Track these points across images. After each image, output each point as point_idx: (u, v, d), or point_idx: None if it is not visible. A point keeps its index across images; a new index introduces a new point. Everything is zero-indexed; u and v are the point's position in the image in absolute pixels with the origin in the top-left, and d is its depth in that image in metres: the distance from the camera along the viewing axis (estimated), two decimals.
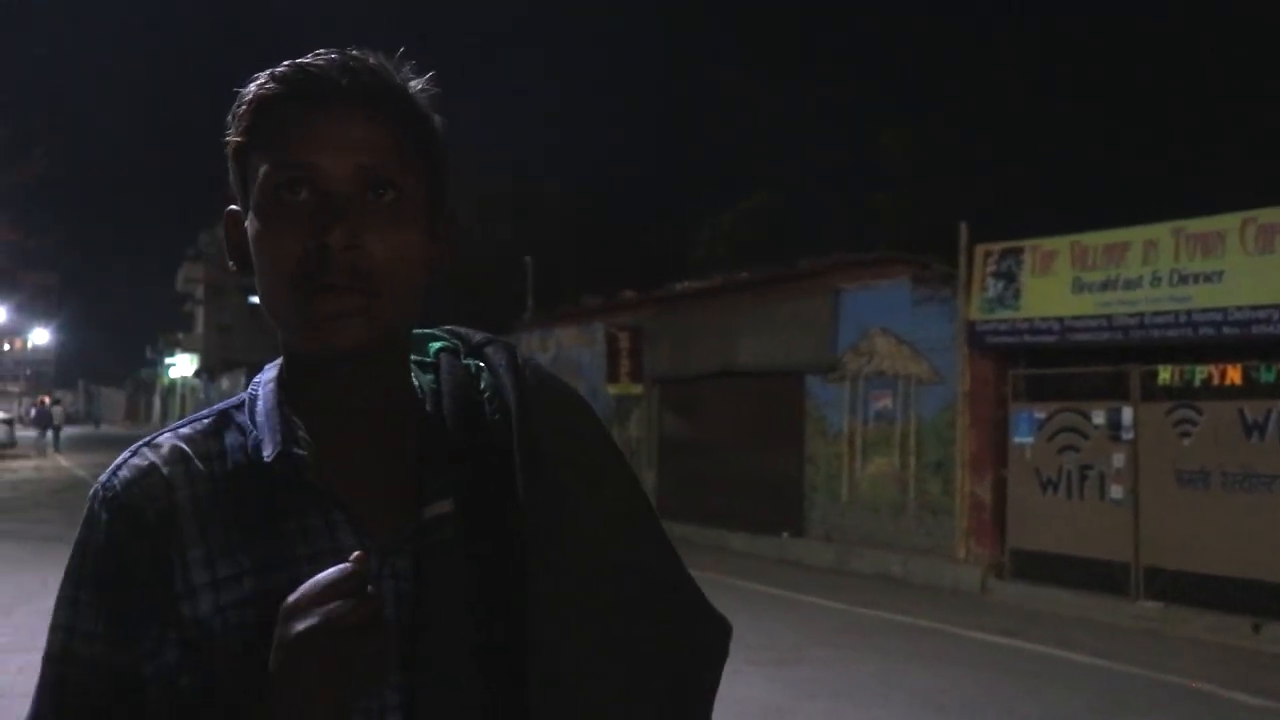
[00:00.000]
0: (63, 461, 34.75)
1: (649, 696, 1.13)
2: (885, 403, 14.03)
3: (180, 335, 71.90)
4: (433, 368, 1.20)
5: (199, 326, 67.30)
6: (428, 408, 1.16)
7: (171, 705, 1.06)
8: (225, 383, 57.07)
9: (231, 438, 1.12)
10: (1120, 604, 11.09)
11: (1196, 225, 10.96)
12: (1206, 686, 8.34)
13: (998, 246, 12.72)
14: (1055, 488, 11.98)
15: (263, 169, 1.07)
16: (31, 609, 9.85)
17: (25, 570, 11.90)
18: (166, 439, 1.13)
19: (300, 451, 1.08)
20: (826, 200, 30.28)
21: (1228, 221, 10.70)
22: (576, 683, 1.07)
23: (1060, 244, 12.14)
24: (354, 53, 1.10)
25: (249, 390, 1.16)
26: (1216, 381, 10.69)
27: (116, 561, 1.07)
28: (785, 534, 15.28)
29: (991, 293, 12.65)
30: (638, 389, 18.81)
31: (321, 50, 1.11)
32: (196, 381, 66.81)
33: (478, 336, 1.25)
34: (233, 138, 1.11)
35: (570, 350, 21.08)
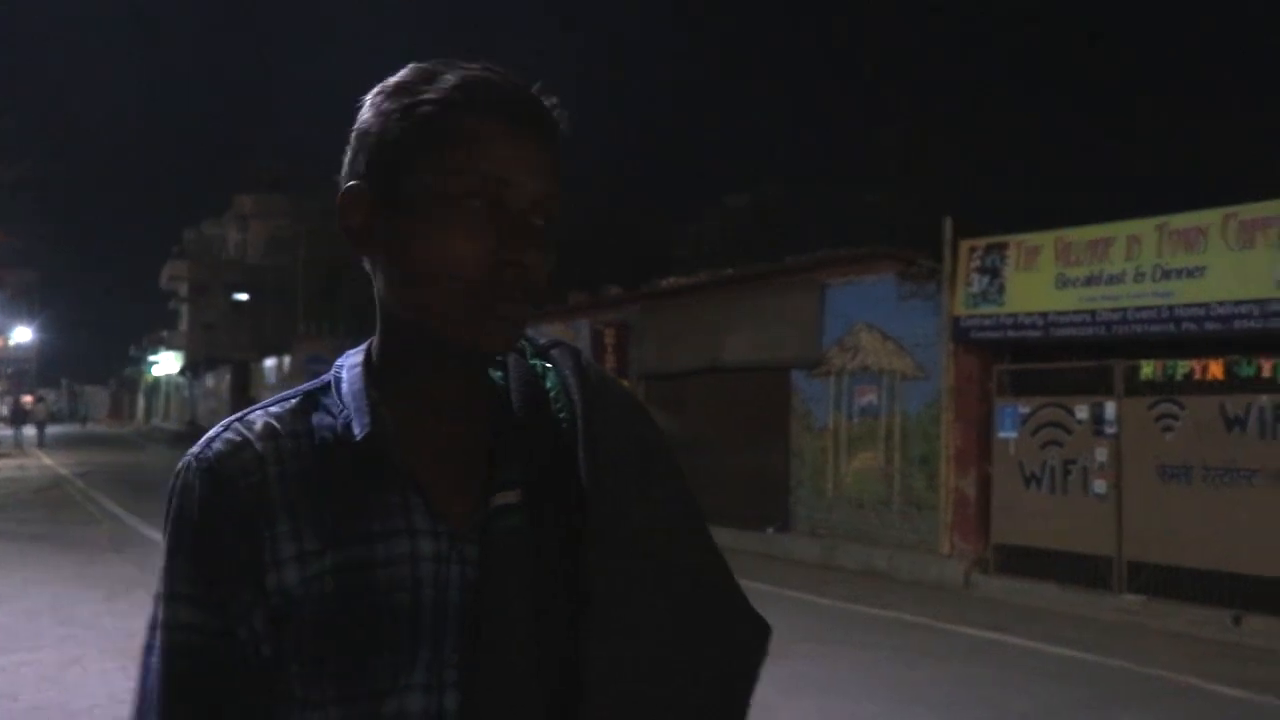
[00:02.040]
0: (46, 460, 34.61)
1: (694, 693, 1.18)
2: (870, 398, 14.07)
3: (164, 333, 71.61)
4: (501, 365, 1.25)
5: (183, 324, 67.00)
6: (500, 403, 1.22)
7: (254, 673, 1.10)
8: (210, 380, 56.91)
9: (318, 418, 1.17)
10: (1103, 598, 11.15)
11: (1179, 221, 11.02)
12: (1188, 679, 8.40)
13: (982, 242, 12.77)
14: (1039, 482, 12.04)
15: (451, 171, 1.10)
16: (8, 610, 9.84)
17: (8, 570, 11.88)
18: (259, 416, 1.18)
19: (387, 433, 1.13)
20: (815, 197, 30.29)
21: (1210, 217, 10.76)
22: (629, 673, 1.12)
23: (1044, 239, 12.19)
24: (516, 77, 1.16)
25: (332, 373, 1.21)
26: (1198, 376, 10.75)
27: (211, 529, 1.11)
28: (771, 529, 15.32)
29: (976, 288, 12.70)
30: (624, 385, 18.79)
31: (479, 65, 1.15)
32: (181, 379, 66.57)
33: (543, 339, 1.30)
34: (425, 111, 1.12)
35: None
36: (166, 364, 71.19)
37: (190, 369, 62.40)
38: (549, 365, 1.26)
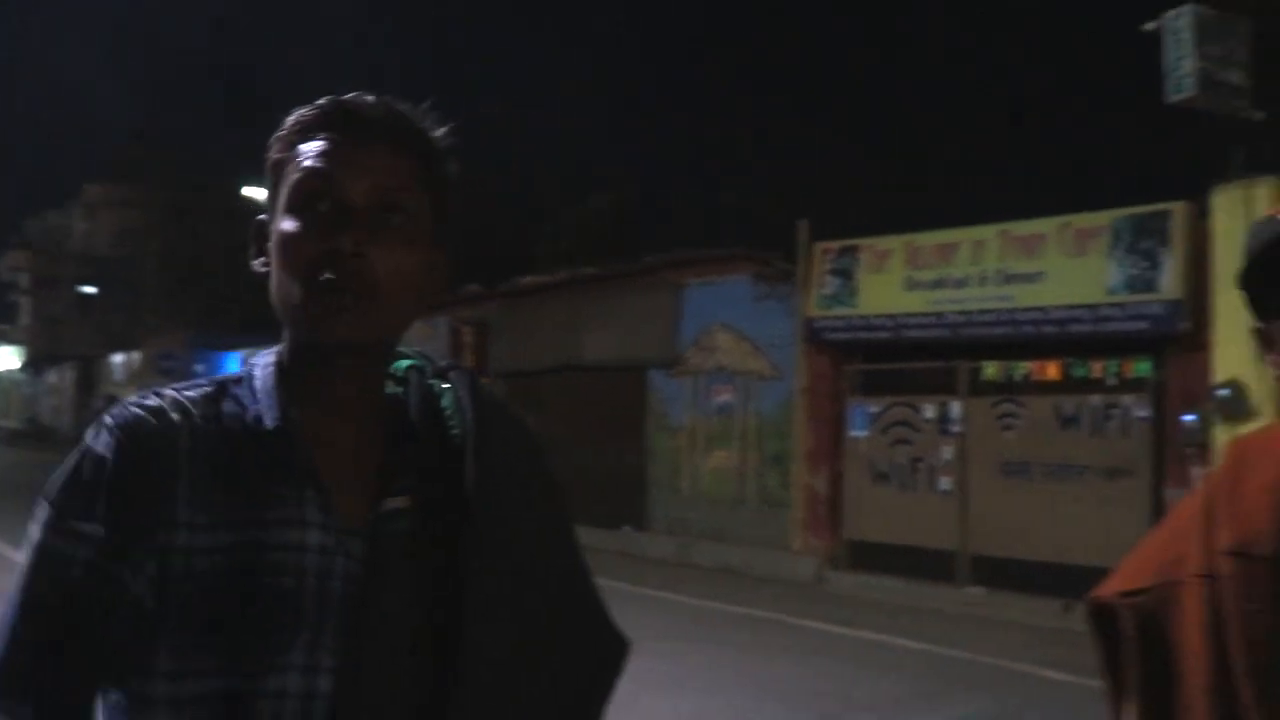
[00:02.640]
0: None
1: (554, 696, 1.29)
2: (726, 397, 14.28)
3: (3, 327, 68.60)
4: (402, 382, 1.35)
5: (24, 318, 64.25)
6: (397, 415, 1.31)
7: (119, 617, 1.14)
8: (53, 377, 54.71)
9: (228, 406, 1.24)
10: (948, 591, 11.51)
11: (1019, 228, 11.44)
12: (1023, 666, 8.73)
13: (835, 245, 13.06)
14: (888, 480, 12.37)
15: (293, 178, 1.23)
16: None
17: None
18: (171, 393, 1.24)
19: (294, 429, 1.22)
20: (674, 199, 30.60)
21: (1047, 225, 11.19)
22: (496, 674, 1.22)
23: (894, 243, 12.52)
24: (386, 98, 1.29)
25: (243, 370, 1.29)
26: (1036, 377, 11.18)
27: (119, 473, 1.16)
28: (627, 527, 15.41)
29: (829, 290, 12.98)
30: (478, 376, 18.70)
31: (357, 94, 1.29)
32: (21, 376, 63.89)
33: (443, 361, 1.40)
34: (274, 154, 1.27)
35: (414, 344, 20.77)
36: (5, 359, 68.22)
37: (31, 365, 59.90)
38: (446, 385, 1.35)
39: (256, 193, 30.99)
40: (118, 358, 43.23)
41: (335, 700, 1.17)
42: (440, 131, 1.32)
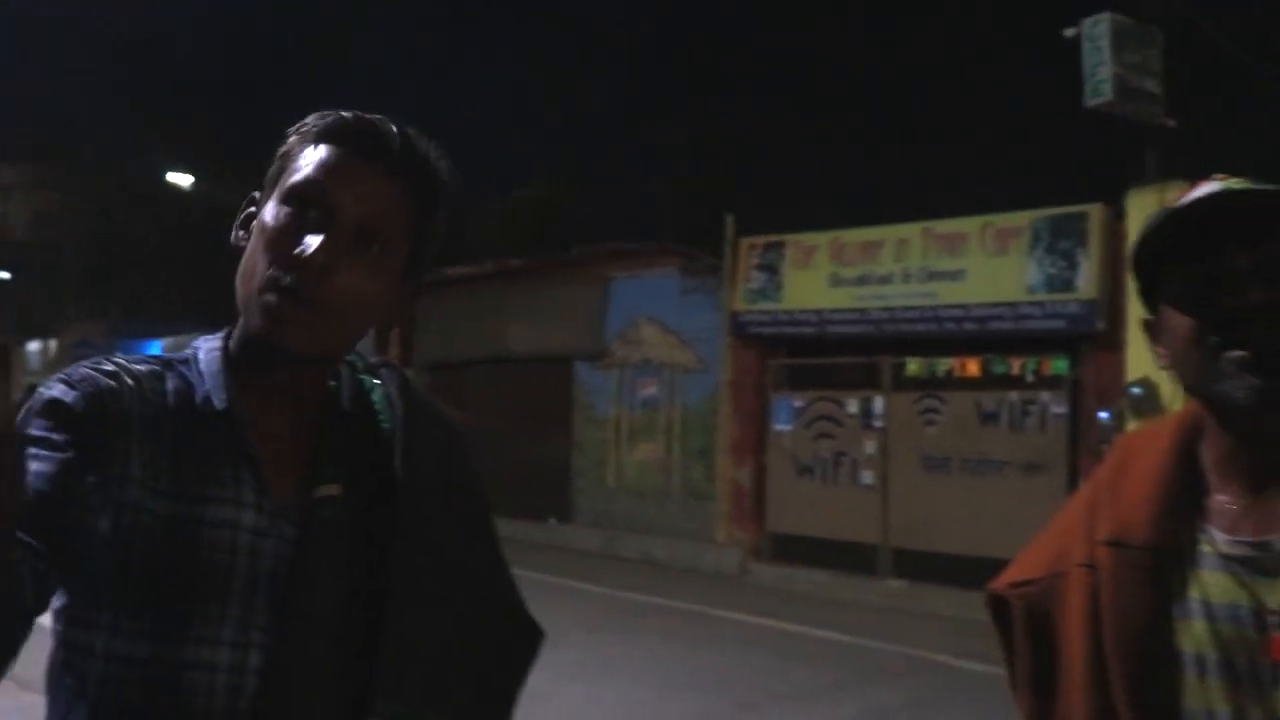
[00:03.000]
0: None
1: (473, 680, 1.35)
2: (651, 390, 14.33)
3: None
4: (336, 376, 1.38)
5: None
6: (331, 407, 1.36)
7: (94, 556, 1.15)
8: None
9: (173, 383, 1.27)
10: (869, 583, 11.65)
11: (943, 227, 11.61)
12: (941, 657, 8.87)
13: (761, 240, 13.15)
14: (811, 473, 12.49)
15: (295, 177, 1.26)
16: None
17: None
18: (121, 362, 1.27)
19: (238, 411, 1.26)
20: (606, 191, 30.60)
21: (969, 224, 11.37)
22: (418, 658, 1.28)
23: (820, 239, 12.64)
24: (397, 122, 1.30)
25: (189, 350, 1.32)
26: (958, 373, 11.35)
27: (81, 416, 1.17)
28: (552, 519, 15.41)
29: (755, 284, 13.07)
30: (408, 373, 18.57)
31: (384, 117, 1.31)
32: None
33: (374, 358, 1.46)
34: (289, 145, 1.30)
35: None
36: None
37: None
38: (377, 381, 1.42)
39: (181, 179, 30.57)
40: (34, 345, 42.27)
41: (265, 676, 1.21)
42: (449, 172, 1.36)
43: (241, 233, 1.31)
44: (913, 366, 11.68)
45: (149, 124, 36.31)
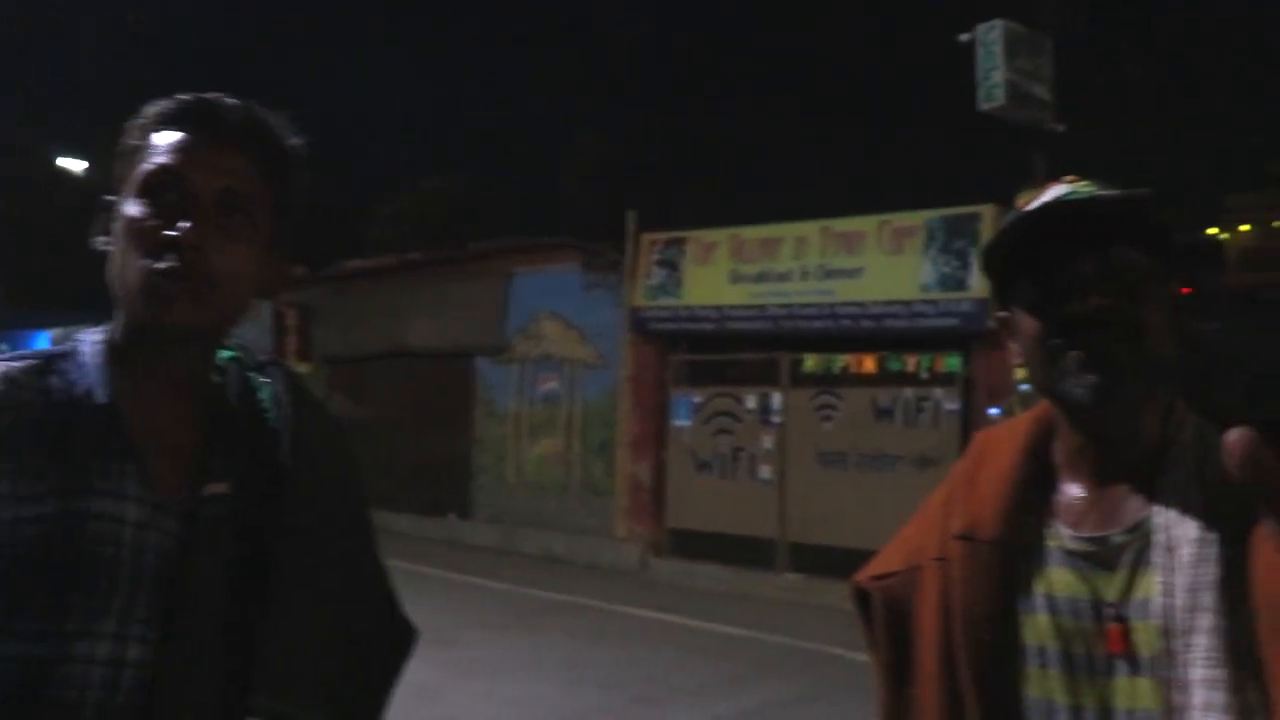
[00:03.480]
0: None
1: (348, 677, 1.37)
2: (552, 385, 14.31)
3: None
4: (221, 372, 1.41)
5: None
6: (218, 403, 1.38)
7: None
8: None
9: (55, 379, 1.28)
10: (767, 577, 11.77)
11: (841, 225, 11.76)
12: (837, 650, 8.98)
13: (662, 236, 13.20)
14: (710, 469, 12.58)
15: (145, 166, 1.28)
16: None
17: None
18: None
19: (119, 405, 1.27)
20: (505, 185, 30.42)
21: (867, 223, 11.54)
22: (299, 657, 1.29)
23: (720, 236, 12.73)
24: (243, 100, 1.34)
25: (69, 345, 1.33)
26: (854, 370, 11.52)
27: None
28: (452, 515, 15.33)
29: (655, 280, 13.11)
30: (305, 368, 18.34)
31: (220, 94, 1.34)
32: None
33: (262, 356, 1.48)
34: (131, 140, 1.32)
35: (235, 327, 20.27)
36: None
37: None
38: (265, 379, 1.44)
39: (73, 164, 29.72)
40: None
41: (145, 670, 1.21)
42: (295, 140, 1.39)
43: (103, 237, 1.31)
44: (810, 363, 11.82)
45: (38, 107, 35.26)
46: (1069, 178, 1.37)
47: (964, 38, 11.27)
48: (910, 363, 11.11)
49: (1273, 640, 1.13)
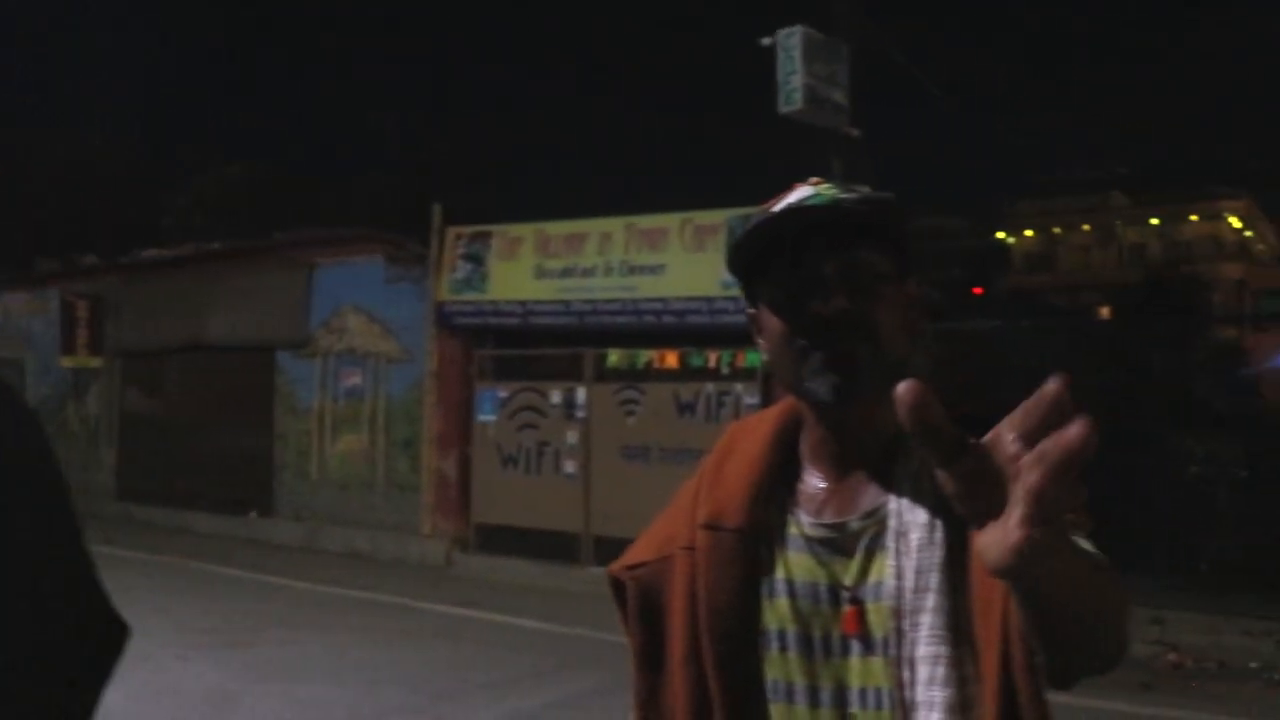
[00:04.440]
0: None
1: (51, 683, 1.34)
2: (356, 380, 14.11)
3: None
4: None
5: None
6: None
7: None
8: None
9: None
10: (572, 571, 11.86)
11: (645, 222, 11.93)
12: None
13: (468, 230, 13.15)
14: (516, 464, 12.61)
15: None
16: None
17: None
18: None
19: None
20: (316, 174, 29.77)
21: (670, 220, 11.74)
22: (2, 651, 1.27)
23: (525, 231, 12.76)
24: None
25: None
26: (657, 365, 11.72)
27: None
28: (253, 513, 14.98)
29: (460, 274, 13.06)
30: (96, 362, 17.65)
31: None
32: None
33: None
34: None
35: (20, 319, 19.35)
36: None
37: None
38: None
39: None
40: None
41: None
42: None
43: None
44: (614, 358, 11.97)
45: None
46: (813, 180, 1.40)
47: (766, 41, 11.55)
48: (712, 358, 11.36)
49: (984, 615, 1.22)
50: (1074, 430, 0.79)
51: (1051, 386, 0.83)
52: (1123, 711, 7.28)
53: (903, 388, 0.86)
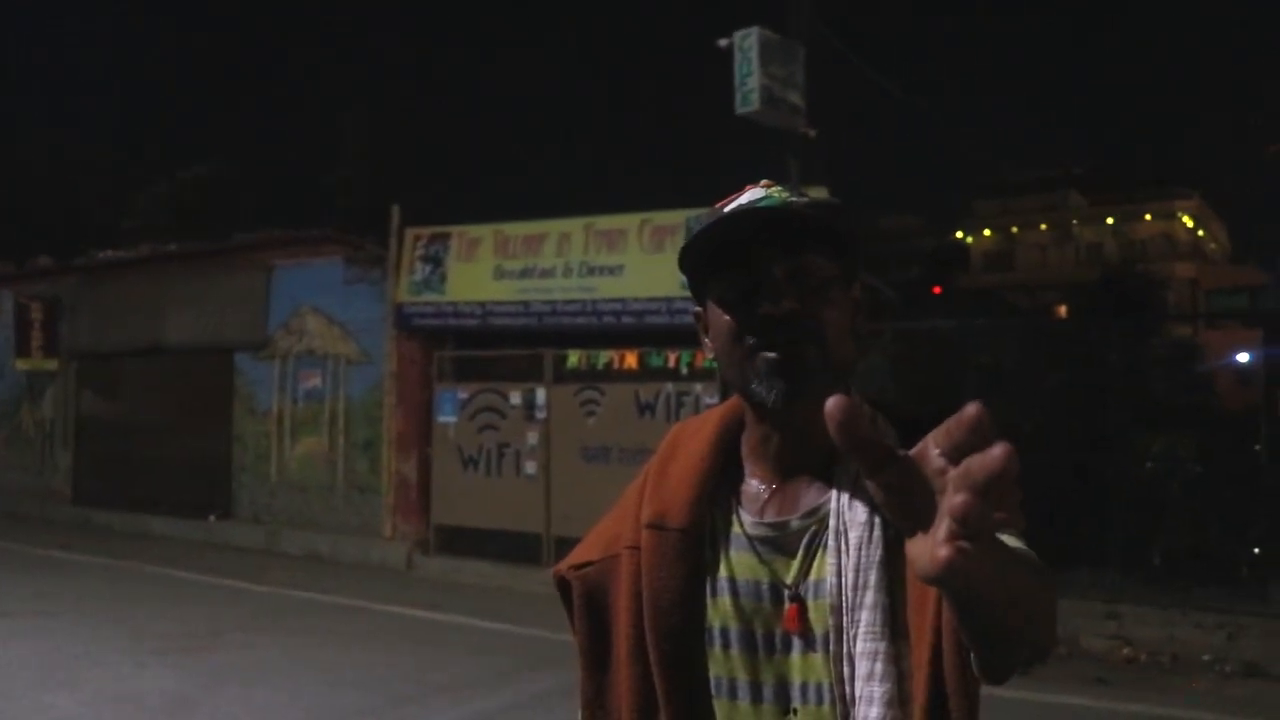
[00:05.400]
0: None
1: None
2: (315, 382, 14.05)
3: None
4: None
5: None
6: None
7: None
8: None
9: None
10: (533, 572, 11.85)
11: (604, 222, 11.95)
12: None
13: (427, 231, 13.12)
14: (476, 465, 12.59)
15: None
16: None
17: None
18: None
19: None
20: (276, 175, 29.61)
21: (629, 221, 11.77)
22: None
23: (484, 231, 12.75)
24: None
25: None
26: (617, 366, 11.74)
27: None
28: (213, 516, 14.87)
29: (419, 276, 13.03)
30: (52, 364, 17.47)
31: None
32: None
33: None
34: None
35: None
36: None
37: None
38: None
39: None
40: None
41: None
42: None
43: None
44: (573, 359, 11.99)
45: None
46: (764, 182, 1.43)
47: (723, 43, 11.61)
48: (671, 358, 11.40)
49: (917, 610, 1.25)
50: (996, 452, 0.82)
51: (971, 410, 0.85)
52: (1078, 706, 7.37)
53: (831, 403, 0.89)
